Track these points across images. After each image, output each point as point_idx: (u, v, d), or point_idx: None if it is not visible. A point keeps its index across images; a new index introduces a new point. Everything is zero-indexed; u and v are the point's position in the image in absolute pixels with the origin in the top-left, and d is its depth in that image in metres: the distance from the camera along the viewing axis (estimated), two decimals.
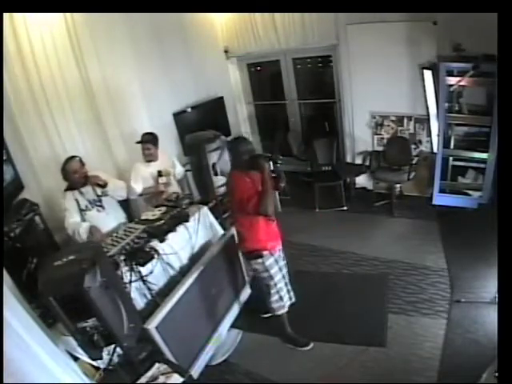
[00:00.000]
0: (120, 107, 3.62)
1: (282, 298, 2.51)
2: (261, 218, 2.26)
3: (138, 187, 3.22)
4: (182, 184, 3.59)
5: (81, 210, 2.74)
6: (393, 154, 4.22)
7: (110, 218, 2.86)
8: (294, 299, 2.61)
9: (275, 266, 2.43)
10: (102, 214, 2.82)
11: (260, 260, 2.38)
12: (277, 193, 3.50)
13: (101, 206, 2.82)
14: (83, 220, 2.74)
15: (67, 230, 2.74)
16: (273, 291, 2.47)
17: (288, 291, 2.57)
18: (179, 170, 3.49)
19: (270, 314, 2.65)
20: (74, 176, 2.71)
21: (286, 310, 2.56)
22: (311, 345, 2.60)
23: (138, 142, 3.21)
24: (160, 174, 3.17)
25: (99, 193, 2.81)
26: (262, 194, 2.16)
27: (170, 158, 3.46)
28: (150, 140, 3.21)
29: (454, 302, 2.74)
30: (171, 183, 3.27)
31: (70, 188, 2.76)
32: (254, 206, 2.15)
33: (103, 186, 2.78)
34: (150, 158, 3.22)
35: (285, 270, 2.55)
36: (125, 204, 3.26)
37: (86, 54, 3.26)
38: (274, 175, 2.27)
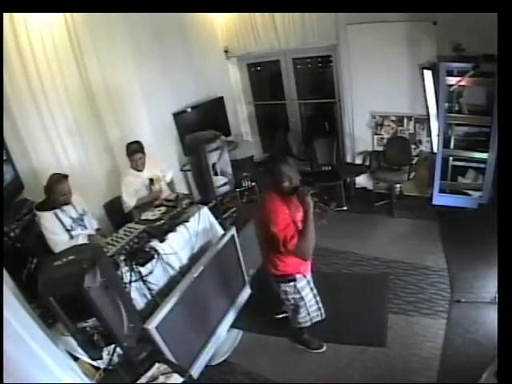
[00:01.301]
0: (120, 107, 3.61)
1: (310, 314, 2.38)
2: None
3: (132, 201, 3.12)
4: (172, 186, 3.52)
5: (67, 231, 2.54)
6: (393, 154, 4.22)
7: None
8: (323, 316, 2.44)
9: (307, 287, 2.29)
10: (86, 232, 2.67)
11: (292, 283, 2.22)
12: None
13: (83, 225, 2.68)
14: (71, 237, 2.56)
15: (56, 251, 2.40)
16: (302, 310, 2.34)
17: (319, 308, 2.40)
18: (167, 173, 3.41)
19: (284, 315, 2.60)
20: (61, 198, 2.50)
21: (311, 323, 2.43)
22: (324, 347, 2.55)
23: (129, 155, 3.11)
24: (152, 182, 3.12)
25: (81, 211, 2.69)
26: (303, 235, 1.90)
27: (156, 163, 3.36)
28: (138, 149, 3.12)
29: (454, 301, 2.74)
30: (163, 188, 3.21)
31: (48, 207, 2.51)
32: (293, 247, 1.90)
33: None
34: (141, 168, 3.14)
35: (314, 288, 2.38)
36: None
37: (86, 54, 3.26)
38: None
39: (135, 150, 3.12)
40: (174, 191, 3.47)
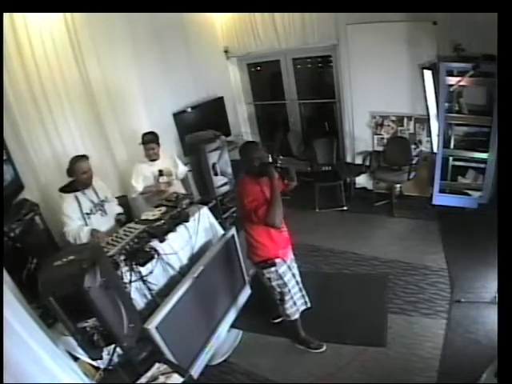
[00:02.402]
0: (120, 107, 3.62)
1: (296, 302, 2.44)
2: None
3: (139, 186, 3.20)
4: (185, 183, 3.56)
5: (84, 214, 2.64)
6: (393, 154, 4.22)
7: (111, 224, 2.81)
8: (309, 304, 2.53)
9: (288, 272, 2.37)
10: (105, 219, 2.77)
11: (273, 269, 2.31)
12: None
13: (104, 210, 2.77)
14: (85, 224, 2.65)
15: (67, 237, 2.64)
16: (287, 298, 2.40)
17: (303, 296, 2.49)
18: (182, 169, 3.46)
19: (281, 319, 2.62)
20: (83, 176, 2.61)
21: (298, 314, 2.50)
22: (324, 347, 2.56)
23: (141, 143, 3.18)
24: (161, 173, 3.16)
25: (102, 197, 2.77)
26: (270, 203, 2.09)
27: (172, 157, 3.44)
28: (152, 139, 3.17)
29: (454, 302, 2.74)
30: (173, 183, 3.25)
31: (71, 189, 2.63)
32: (262, 215, 2.08)
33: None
34: (154, 157, 3.19)
35: (298, 275, 2.49)
36: (125, 204, 3.26)
37: (86, 54, 3.26)
38: (283, 175, 2.24)
39: (149, 140, 3.16)
40: (187, 189, 3.56)
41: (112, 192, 3.33)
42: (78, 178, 2.61)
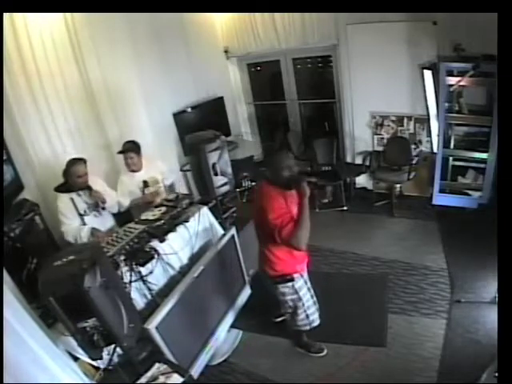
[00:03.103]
0: (120, 107, 3.61)
1: (309, 316, 2.35)
2: None
3: (126, 201, 3.08)
4: (173, 189, 3.43)
5: (79, 215, 2.65)
6: (393, 154, 4.22)
7: (105, 224, 2.82)
8: (318, 322, 2.41)
9: (304, 287, 2.28)
10: (99, 220, 2.77)
11: (290, 284, 2.20)
12: None
13: (98, 211, 2.77)
14: (83, 223, 2.66)
15: (66, 236, 2.65)
16: (300, 311, 2.32)
17: (316, 310, 2.39)
18: (168, 175, 3.36)
19: (282, 318, 2.59)
20: (78, 180, 2.61)
21: (310, 327, 2.40)
22: (325, 351, 2.54)
23: (119, 152, 3.07)
24: (146, 184, 3.06)
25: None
26: (297, 223, 1.90)
27: (156, 165, 3.30)
28: (131, 148, 3.04)
29: (454, 302, 2.74)
30: (160, 191, 3.14)
31: (65, 190, 2.64)
32: (287, 236, 1.89)
33: (102, 203, 2.73)
34: (133, 168, 3.07)
35: (311, 289, 2.38)
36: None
37: (86, 54, 3.26)
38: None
39: (127, 148, 3.04)
40: (174, 191, 3.44)
41: None
42: (72, 180, 2.62)
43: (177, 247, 2.53)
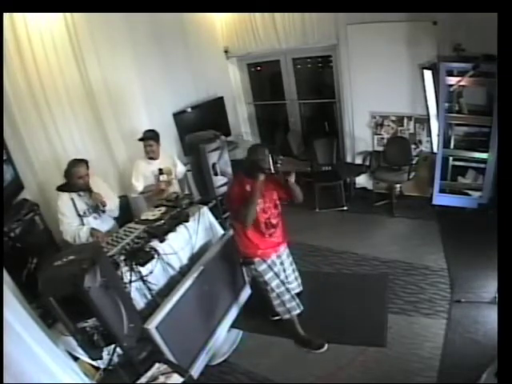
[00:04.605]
0: (120, 107, 3.61)
1: (285, 303, 2.46)
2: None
3: (139, 185, 3.21)
4: (182, 184, 3.56)
5: (79, 215, 2.65)
6: (393, 154, 4.21)
7: (104, 227, 2.81)
8: (301, 308, 2.51)
9: (269, 271, 2.39)
10: (98, 222, 2.77)
11: (252, 266, 2.39)
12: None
13: (98, 213, 2.77)
14: (82, 224, 2.66)
15: (64, 236, 2.65)
16: (272, 296, 2.45)
17: (292, 298, 2.48)
18: (181, 168, 3.48)
19: (279, 317, 2.62)
20: (78, 181, 2.62)
21: (290, 315, 2.51)
22: (326, 346, 2.55)
23: (140, 139, 3.18)
24: (161, 171, 3.16)
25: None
26: (244, 202, 2.14)
27: (172, 157, 3.46)
28: (152, 137, 3.18)
29: (454, 302, 2.74)
30: (172, 182, 3.26)
31: (66, 189, 2.66)
32: (235, 212, 2.18)
33: (103, 206, 2.73)
34: (151, 155, 3.20)
35: (284, 276, 2.50)
36: (125, 204, 3.26)
37: (86, 54, 3.26)
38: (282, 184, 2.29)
39: (148, 136, 3.17)
40: (184, 189, 3.56)
41: (114, 192, 3.34)
42: (73, 181, 2.63)
43: (177, 247, 2.53)
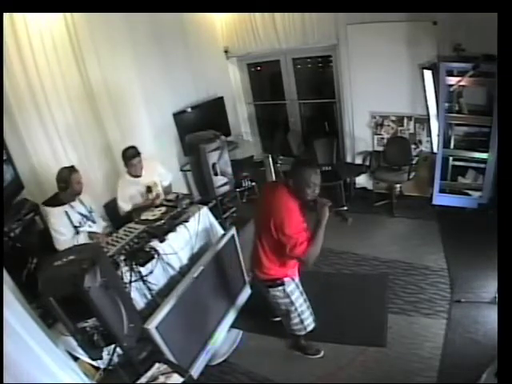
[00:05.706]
0: (120, 107, 3.61)
1: (303, 321, 2.32)
2: None
3: (127, 206, 3.06)
4: (169, 190, 3.36)
5: (74, 227, 2.57)
6: (393, 154, 4.21)
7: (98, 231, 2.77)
8: (313, 326, 2.38)
9: (296, 291, 2.24)
10: (94, 228, 2.72)
11: (281, 288, 2.18)
12: None
13: (93, 220, 2.73)
14: (77, 233, 2.59)
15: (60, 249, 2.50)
16: (293, 315, 2.29)
17: (310, 314, 2.35)
18: (166, 176, 3.34)
19: (279, 318, 2.58)
20: (78, 186, 2.56)
21: (306, 331, 2.38)
22: (322, 353, 2.53)
23: (126, 161, 3.00)
24: (149, 189, 3.04)
25: (89, 207, 2.73)
26: (313, 242, 1.91)
27: (154, 166, 3.26)
28: (135, 154, 3.00)
29: (454, 302, 2.74)
30: (160, 194, 3.12)
31: (57, 203, 2.56)
32: (301, 252, 1.88)
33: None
34: (140, 173, 3.06)
35: (304, 293, 2.33)
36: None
37: (86, 54, 3.25)
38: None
39: (133, 154, 2.99)
40: (169, 192, 3.37)
41: (112, 193, 3.34)
42: (73, 187, 2.55)
43: (177, 247, 2.53)
